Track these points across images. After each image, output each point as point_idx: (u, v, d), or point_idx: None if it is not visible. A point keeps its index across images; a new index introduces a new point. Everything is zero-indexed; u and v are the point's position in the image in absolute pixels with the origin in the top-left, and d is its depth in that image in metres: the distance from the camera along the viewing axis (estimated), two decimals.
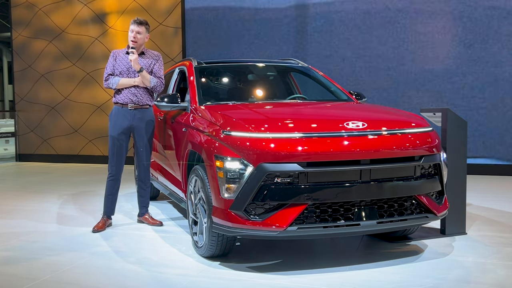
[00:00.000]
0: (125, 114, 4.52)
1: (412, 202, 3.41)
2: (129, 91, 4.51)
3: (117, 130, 4.52)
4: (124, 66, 4.52)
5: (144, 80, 4.51)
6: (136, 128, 4.58)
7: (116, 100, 4.55)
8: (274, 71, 5.28)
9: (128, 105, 4.51)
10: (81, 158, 10.33)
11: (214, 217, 3.35)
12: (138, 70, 4.46)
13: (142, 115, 4.58)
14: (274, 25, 8.91)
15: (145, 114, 4.60)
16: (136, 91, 4.52)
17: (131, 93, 4.51)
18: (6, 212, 5.48)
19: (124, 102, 4.51)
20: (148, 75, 4.52)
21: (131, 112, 4.53)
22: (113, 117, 4.56)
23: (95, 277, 3.35)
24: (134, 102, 4.51)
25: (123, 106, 4.53)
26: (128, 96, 4.50)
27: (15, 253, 3.92)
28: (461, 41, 7.80)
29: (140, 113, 4.57)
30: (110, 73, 4.51)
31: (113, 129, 4.53)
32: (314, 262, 3.53)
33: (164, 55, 9.42)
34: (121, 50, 4.63)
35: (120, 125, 4.52)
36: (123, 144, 4.57)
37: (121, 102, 4.52)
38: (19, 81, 10.90)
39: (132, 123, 4.55)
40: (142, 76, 4.49)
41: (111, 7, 10.02)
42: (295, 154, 3.15)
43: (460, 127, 4.15)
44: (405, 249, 3.85)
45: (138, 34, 4.51)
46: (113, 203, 4.63)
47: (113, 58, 4.56)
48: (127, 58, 4.53)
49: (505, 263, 3.46)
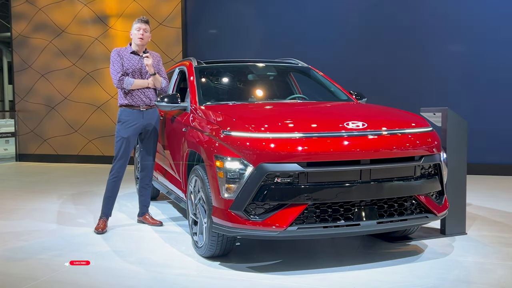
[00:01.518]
0: (137, 115, 4.52)
1: (412, 202, 3.41)
2: (141, 93, 4.51)
3: (129, 131, 4.49)
4: (136, 67, 4.51)
5: (156, 82, 4.56)
6: (147, 128, 4.59)
7: (126, 102, 4.50)
8: (274, 71, 5.28)
9: (140, 106, 4.52)
10: (81, 158, 10.33)
11: (214, 217, 3.35)
12: (153, 73, 4.51)
13: (153, 115, 4.62)
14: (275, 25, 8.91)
15: (154, 113, 4.65)
16: (148, 93, 4.55)
17: (144, 95, 4.52)
18: (6, 212, 5.48)
19: (136, 103, 4.50)
20: (160, 78, 4.58)
21: (143, 113, 4.54)
22: (124, 118, 4.51)
23: (95, 277, 3.35)
24: (146, 103, 4.54)
25: (134, 107, 4.52)
26: (141, 98, 4.51)
27: (15, 253, 3.92)
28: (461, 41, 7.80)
29: (151, 114, 4.60)
30: (122, 73, 4.45)
31: (125, 130, 4.49)
32: (314, 262, 3.53)
33: (164, 55, 9.43)
34: (122, 48, 4.58)
35: (133, 126, 4.50)
36: (132, 145, 4.58)
37: (133, 104, 4.50)
38: (19, 81, 10.90)
39: (144, 123, 4.56)
40: (155, 78, 4.54)
41: (111, 7, 10.02)
42: (295, 154, 3.15)
43: (460, 127, 4.16)
44: (405, 249, 3.85)
45: (145, 32, 4.53)
46: (113, 204, 4.63)
47: (119, 57, 4.48)
48: (136, 59, 4.52)
49: (505, 263, 3.46)
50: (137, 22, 4.54)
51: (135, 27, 4.53)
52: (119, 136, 4.50)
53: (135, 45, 4.56)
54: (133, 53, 4.54)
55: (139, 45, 4.55)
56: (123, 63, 4.47)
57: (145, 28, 4.53)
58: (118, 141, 4.50)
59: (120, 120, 4.53)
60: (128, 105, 4.51)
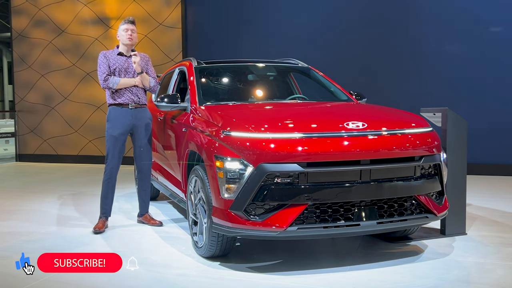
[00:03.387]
0: (126, 113, 4.53)
1: (412, 202, 3.41)
2: (130, 92, 4.52)
3: (118, 130, 4.51)
4: (122, 66, 4.52)
5: (144, 81, 4.56)
6: (137, 127, 4.59)
7: (114, 101, 4.52)
8: (274, 71, 5.28)
9: (129, 105, 4.53)
10: (80, 158, 10.33)
11: (214, 217, 3.35)
12: (140, 72, 4.50)
13: (142, 114, 4.62)
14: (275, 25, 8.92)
15: (144, 112, 4.65)
16: (136, 91, 4.56)
17: (133, 94, 4.53)
18: (6, 212, 5.48)
19: (125, 102, 4.51)
20: (147, 76, 4.59)
21: (132, 111, 4.54)
22: (113, 117, 4.54)
23: (95, 277, 3.35)
24: (135, 102, 4.55)
25: (123, 106, 4.53)
26: (129, 97, 4.52)
27: (15, 253, 3.91)
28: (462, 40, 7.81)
29: (140, 112, 4.60)
30: (108, 73, 4.47)
31: (114, 129, 4.51)
32: (314, 262, 3.53)
33: (164, 55, 9.44)
34: (109, 51, 4.60)
35: (121, 125, 4.52)
36: (123, 144, 4.58)
37: (121, 103, 4.51)
38: (19, 81, 10.90)
39: (133, 122, 4.56)
40: (142, 77, 4.54)
41: (111, 8, 10.02)
42: (295, 154, 3.15)
43: (460, 127, 4.15)
44: (405, 249, 3.85)
45: (133, 32, 4.55)
46: (111, 204, 4.63)
47: (105, 59, 4.50)
48: (123, 59, 4.54)
49: (505, 263, 3.46)
50: (124, 23, 4.55)
51: (123, 28, 4.54)
52: (109, 134, 4.53)
53: (123, 46, 4.57)
54: (119, 55, 4.56)
55: (127, 45, 4.56)
56: (109, 64, 4.49)
57: (133, 28, 4.55)
58: (108, 140, 4.53)
59: (109, 119, 4.55)
60: (117, 104, 4.52)
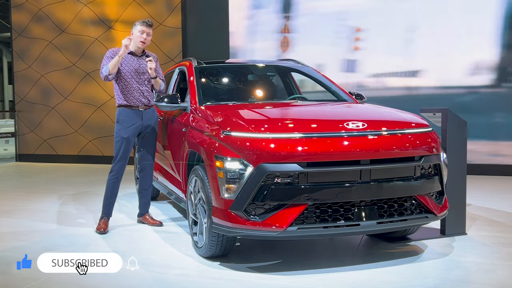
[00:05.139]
0: (136, 114, 4.52)
1: (412, 202, 3.41)
2: (139, 94, 4.50)
3: (129, 131, 4.49)
4: (133, 67, 4.49)
5: (155, 84, 4.58)
6: (146, 127, 4.59)
7: (124, 103, 4.48)
8: (274, 71, 5.28)
9: (139, 106, 4.52)
10: (81, 158, 10.33)
11: (214, 217, 3.35)
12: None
13: (151, 114, 4.63)
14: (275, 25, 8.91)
15: (153, 113, 4.66)
16: (146, 93, 4.55)
17: (142, 96, 4.52)
18: (6, 212, 5.48)
19: (134, 104, 4.50)
20: (159, 81, 4.59)
21: (141, 112, 4.54)
22: (123, 119, 4.49)
23: (95, 277, 3.35)
24: (144, 103, 4.54)
25: (133, 108, 4.52)
26: (139, 99, 4.50)
27: (15, 253, 3.92)
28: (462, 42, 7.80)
29: (149, 113, 4.60)
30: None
31: (125, 130, 4.48)
32: (314, 262, 3.53)
33: (164, 55, 9.43)
34: (118, 49, 4.46)
35: (132, 126, 4.50)
36: (132, 145, 4.58)
37: (131, 104, 4.49)
38: (19, 81, 10.90)
39: (143, 123, 4.56)
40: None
41: (112, 8, 10.02)
42: (295, 154, 3.15)
43: (460, 127, 4.15)
44: (405, 249, 3.85)
45: (148, 36, 4.50)
46: (113, 205, 4.62)
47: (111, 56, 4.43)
48: (134, 60, 4.50)
49: (505, 263, 3.46)
50: (141, 24, 4.48)
51: (139, 29, 4.47)
52: (119, 136, 4.49)
53: (135, 46, 4.53)
54: (130, 54, 4.53)
55: (139, 47, 4.53)
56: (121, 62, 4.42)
57: (149, 32, 4.50)
58: (118, 141, 4.49)
59: (118, 121, 4.52)
60: (127, 105, 4.50)
